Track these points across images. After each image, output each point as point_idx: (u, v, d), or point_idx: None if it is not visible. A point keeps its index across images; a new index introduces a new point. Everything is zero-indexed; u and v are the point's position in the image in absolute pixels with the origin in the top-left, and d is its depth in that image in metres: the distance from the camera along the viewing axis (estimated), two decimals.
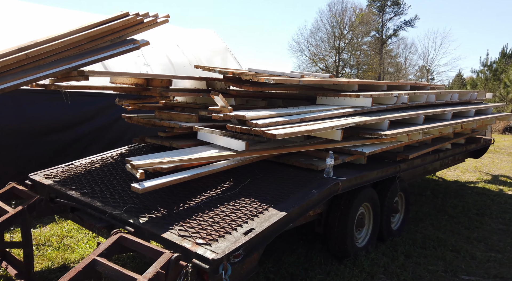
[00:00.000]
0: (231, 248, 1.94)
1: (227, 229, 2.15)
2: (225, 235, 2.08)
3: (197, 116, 3.55)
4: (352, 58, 38.21)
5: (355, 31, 36.41)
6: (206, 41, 8.65)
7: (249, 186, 2.80)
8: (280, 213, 2.36)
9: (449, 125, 4.50)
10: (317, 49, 37.84)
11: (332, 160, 3.01)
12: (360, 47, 37.67)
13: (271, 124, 2.87)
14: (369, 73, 37.09)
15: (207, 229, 2.15)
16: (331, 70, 37.59)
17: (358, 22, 36.22)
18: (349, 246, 3.52)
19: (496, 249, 4.23)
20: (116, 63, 5.93)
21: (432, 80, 36.67)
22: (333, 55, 37.77)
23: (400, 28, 38.66)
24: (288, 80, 3.56)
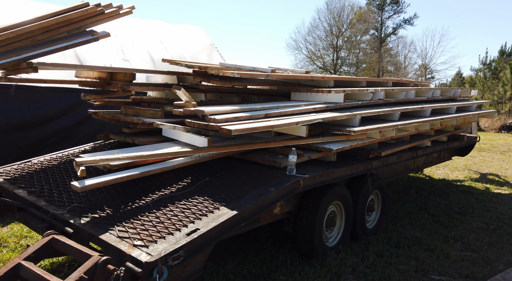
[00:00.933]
0: (169, 250, 1.85)
1: (170, 229, 2.06)
2: (166, 236, 1.99)
3: (162, 112, 3.45)
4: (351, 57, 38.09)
5: (353, 29, 36.28)
6: (191, 38, 8.53)
7: (206, 184, 2.70)
8: (230, 212, 2.26)
9: (426, 122, 4.41)
10: (315, 47, 37.73)
11: (295, 156, 2.92)
12: (359, 45, 37.55)
13: (231, 119, 2.77)
14: (367, 71, 36.99)
15: (149, 230, 2.06)
16: (328, 69, 37.48)
17: (356, 20, 36.09)
18: (317, 245, 3.44)
19: (472, 248, 4.16)
20: (92, 57, 5.82)
21: (432, 79, 36.64)
22: (331, 54, 37.67)
23: (399, 26, 38.53)
24: (255, 74, 3.46)
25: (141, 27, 7.70)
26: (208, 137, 2.93)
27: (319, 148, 3.37)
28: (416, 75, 37.35)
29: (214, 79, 3.62)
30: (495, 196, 6.59)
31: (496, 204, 6.08)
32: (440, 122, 4.87)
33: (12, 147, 4.65)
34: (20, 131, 4.71)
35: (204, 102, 3.93)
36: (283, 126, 2.95)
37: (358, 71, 37.54)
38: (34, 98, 4.76)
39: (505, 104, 29.81)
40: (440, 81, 37.25)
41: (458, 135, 6.10)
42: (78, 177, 2.22)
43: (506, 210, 5.70)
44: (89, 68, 3.30)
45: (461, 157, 7.74)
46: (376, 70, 36.54)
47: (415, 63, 38.05)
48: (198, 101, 3.98)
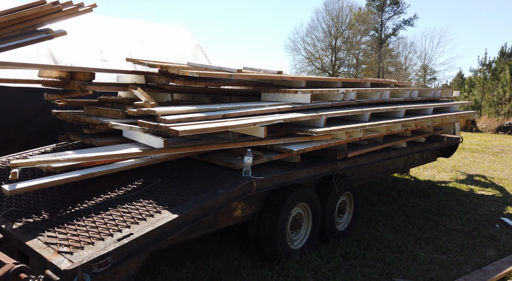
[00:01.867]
0: (94, 256, 1.79)
1: (103, 234, 2.01)
2: (96, 242, 1.94)
3: (123, 112, 3.40)
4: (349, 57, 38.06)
5: (352, 30, 36.25)
6: (176, 38, 8.48)
7: (156, 186, 2.66)
8: (171, 216, 2.21)
9: (397, 122, 4.36)
10: (314, 48, 37.71)
11: (250, 158, 2.87)
12: (359, 46, 37.51)
13: (184, 120, 2.72)
14: (367, 72, 36.94)
15: (80, 235, 2.01)
16: (327, 70, 37.45)
17: (355, 21, 36.07)
18: (279, 248, 3.39)
19: (442, 251, 4.11)
20: (68, 57, 5.77)
21: (434, 80, 36.58)
22: (330, 54, 37.66)
23: (399, 27, 38.46)
24: (215, 74, 3.41)
25: (123, 27, 7.65)
26: (164, 139, 2.88)
27: (281, 149, 3.32)
28: (418, 76, 37.32)
29: (179, 79, 3.57)
30: (477, 197, 6.54)
31: (477, 205, 6.03)
32: (415, 123, 4.82)
33: None
34: None
35: (170, 103, 3.88)
36: (238, 127, 2.90)
37: (358, 72, 37.49)
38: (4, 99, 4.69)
39: (505, 105, 29.78)
40: (440, 82, 37.22)
41: (438, 136, 6.05)
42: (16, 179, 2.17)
43: (485, 212, 5.66)
44: (48, 67, 3.26)
45: (445, 158, 7.68)
46: (376, 71, 36.49)
47: (415, 64, 38.02)
48: (165, 102, 3.93)
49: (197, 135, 3.51)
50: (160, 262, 3.35)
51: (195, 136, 3.51)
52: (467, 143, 15.67)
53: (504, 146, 14.92)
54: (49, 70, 3.43)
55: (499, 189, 7.33)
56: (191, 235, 2.83)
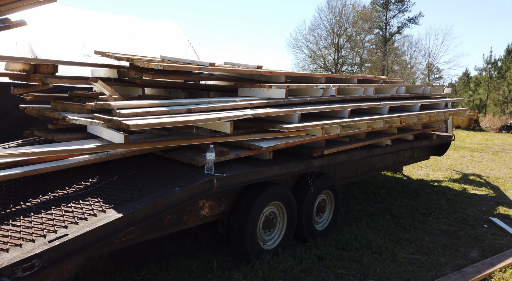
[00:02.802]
0: (16, 259, 1.68)
1: (35, 235, 1.89)
2: (24, 243, 1.82)
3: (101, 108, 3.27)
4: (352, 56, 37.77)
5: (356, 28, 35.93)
6: (165, 34, 8.36)
7: (110, 184, 2.54)
8: (115, 215, 2.09)
9: (379, 119, 4.21)
10: (316, 46, 37.47)
11: (212, 154, 2.74)
12: (363, 44, 37.19)
13: (141, 114, 2.60)
14: (370, 70, 36.63)
15: (10, 236, 1.89)
16: (330, 68, 37.20)
17: (359, 19, 35.77)
18: (249, 248, 3.26)
19: (423, 251, 3.97)
20: (49, 52, 5.67)
21: (440, 78, 36.19)
22: (332, 53, 37.41)
23: (404, 25, 37.99)
24: (182, 67, 3.28)
25: (111, 23, 7.54)
26: (125, 134, 2.76)
27: (250, 146, 3.19)
28: (424, 75, 36.93)
29: (148, 72, 3.45)
30: (469, 197, 6.38)
31: (467, 205, 5.88)
32: (399, 120, 4.68)
33: None
34: None
35: (141, 97, 3.76)
36: (200, 122, 2.78)
37: (362, 71, 37.17)
38: None
39: (510, 104, 29.38)
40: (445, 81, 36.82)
41: (427, 134, 5.89)
42: None
43: (475, 212, 5.50)
44: (10, 59, 3.15)
45: (438, 156, 7.52)
46: (380, 70, 36.17)
47: (421, 63, 37.59)
48: (136, 96, 3.82)
49: (166, 131, 3.39)
50: (124, 263, 3.24)
51: (164, 132, 3.39)
52: (467, 141, 15.45)
53: (506, 145, 14.68)
54: (11, 62, 3.32)
55: (493, 189, 7.16)
56: (151, 235, 2.72)
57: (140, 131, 3.32)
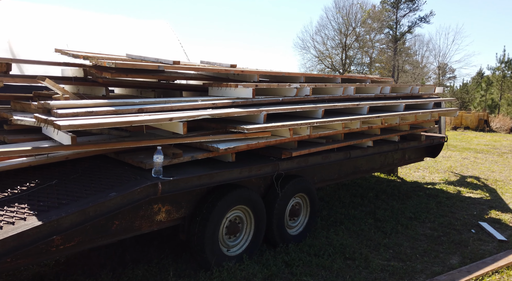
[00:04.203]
0: None
1: None
2: None
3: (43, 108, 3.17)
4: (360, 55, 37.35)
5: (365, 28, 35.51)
6: (155, 34, 8.27)
7: (46, 188, 2.41)
8: (35, 223, 1.96)
9: (355, 119, 4.03)
10: (323, 46, 37.19)
11: (159, 156, 2.60)
12: (373, 44, 36.73)
13: (83, 114, 2.48)
14: (380, 70, 36.18)
15: None
16: (337, 68, 36.88)
17: (367, 18, 35.37)
18: (209, 255, 3.12)
19: (400, 257, 3.78)
20: (28, 52, 5.60)
21: (454, 78, 35.54)
22: (340, 53, 37.08)
23: (414, 24, 37.35)
24: (138, 65, 3.15)
25: (98, 22, 7.47)
26: (72, 135, 2.64)
27: (209, 147, 3.04)
28: (436, 75, 36.28)
29: (110, 71, 3.33)
30: (462, 200, 6.14)
31: (458, 208, 5.65)
32: (380, 120, 4.48)
33: None
34: None
35: (105, 97, 3.64)
36: (148, 122, 2.64)
37: (371, 71, 36.71)
38: None
39: None
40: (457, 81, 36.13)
41: (416, 135, 5.67)
42: None
43: (465, 216, 5.28)
44: None
45: (432, 158, 7.27)
46: (390, 70, 35.66)
47: (433, 62, 36.94)
48: (100, 96, 3.70)
49: (126, 132, 3.27)
50: (78, 270, 3.13)
51: (124, 133, 3.26)
52: (474, 142, 15.04)
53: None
54: None
55: (489, 191, 6.89)
56: (97, 242, 2.59)
57: (97, 132, 3.20)
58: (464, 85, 34.20)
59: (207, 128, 3.46)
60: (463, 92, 33.11)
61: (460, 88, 33.99)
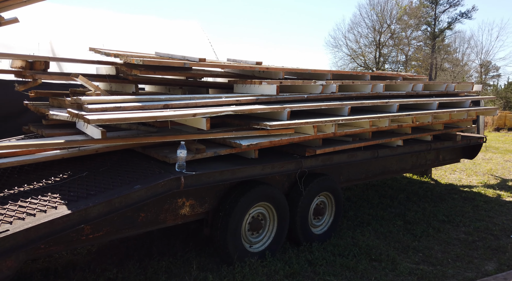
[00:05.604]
0: None
1: None
2: None
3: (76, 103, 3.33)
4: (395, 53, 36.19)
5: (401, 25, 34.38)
6: (186, 34, 8.45)
7: (77, 180, 2.53)
8: (65, 212, 2.07)
9: (384, 117, 3.91)
10: (356, 44, 36.40)
11: (183, 151, 2.66)
12: (409, 41, 35.47)
13: (111, 109, 2.58)
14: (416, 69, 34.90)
15: None
16: (370, 67, 36.01)
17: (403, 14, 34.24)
18: (231, 250, 3.14)
19: (431, 261, 3.62)
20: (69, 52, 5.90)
21: (498, 77, 33.68)
22: (373, 51, 36.16)
23: (455, 20, 35.58)
24: (164, 62, 3.23)
25: (131, 23, 7.74)
26: (102, 130, 2.76)
27: (232, 144, 3.07)
28: (479, 73, 34.48)
29: (138, 68, 3.45)
30: (502, 204, 5.79)
31: (497, 213, 5.33)
32: (411, 119, 4.32)
33: None
34: None
35: (134, 93, 3.77)
36: (173, 118, 2.70)
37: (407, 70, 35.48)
38: None
39: None
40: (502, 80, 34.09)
41: (451, 134, 5.42)
42: None
43: (504, 220, 4.98)
44: (8, 56, 3.28)
45: (469, 159, 6.91)
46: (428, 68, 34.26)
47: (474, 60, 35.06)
48: (129, 93, 3.84)
49: (153, 128, 3.37)
50: (108, 259, 3.26)
51: (152, 128, 3.36)
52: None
53: None
54: (14, 60, 3.45)
55: None
56: (124, 233, 2.69)
57: (126, 127, 3.32)
58: (510, 84, 32.20)
59: (230, 124, 3.49)
60: (508, 91, 31.22)
61: (505, 87, 32.06)
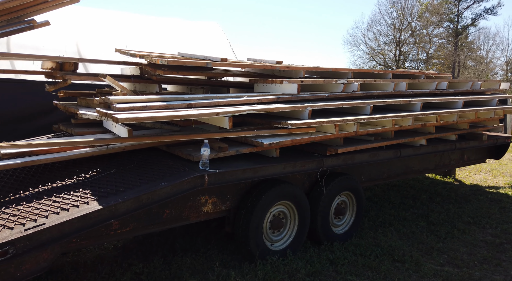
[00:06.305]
0: None
1: (17, 223, 1.99)
2: (2, 230, 1.92)
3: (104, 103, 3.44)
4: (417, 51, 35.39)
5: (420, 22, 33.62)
6: (206, 34, 8.55)
7: (106, 177, 2.62)
8: (96, 207, 2.15)
9: (407, 116, 3.85)
10: (375, 43, 35.81)
11: (206, 150, 2.71)
12: (430, 39, 34.62)
13: (137, 108, 2.65)
14: (438, 67, 34.08)
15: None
16: (390, 65, 35.38)
17: (423, 12, 33.47)
18: (253, 248, 3.18)
19: (456, 263, 3.55)
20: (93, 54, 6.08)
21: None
22: (393, 49, 35.51)
23: (479, 17, 34.40)
24: (188, 62, 3.29)
25: (155, 25, 7.90)
26: (129, 128, 2.84)
27: (253, 142, 3.10)
28: (504, 71, 33.26)
29: (162, 68, 3.53)
30: None
31: None
32: (435, 117, 4.24)
33: (11, 138, 4.99)
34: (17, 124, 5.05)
35: (157, 93, 3.86)
36: (197, 117, 2.76)
37: (428, 67, 34.62)
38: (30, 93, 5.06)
39: None
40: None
41: (477, 134, 5.27)
42: None
43: None
44: (39, 58, 3.41)
45: (495, 159, 6.70)
46: (450, 66, 33.32)
47: (500, 57, 33.78)
48: (153, 93, 3.93)
49: (176, 127, 3.44)
50: (132, 255, 3.35)
51: (175, 127, 3.44)
52: None
53: None
54: (44, 61, 3.59)
55: None
56: (149, 228, 2.76)
57: (150, 126, 3.41)
58: None
59: (252, 123, 3.52)
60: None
61: None
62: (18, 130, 5.10)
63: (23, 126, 5.14)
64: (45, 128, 5.34)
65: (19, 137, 4.79)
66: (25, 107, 5.12)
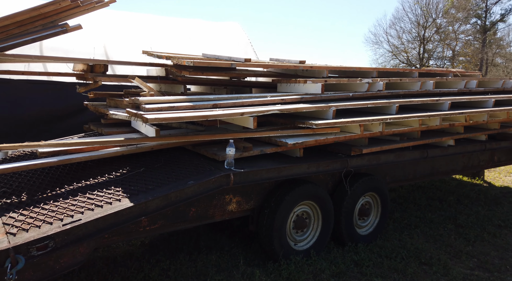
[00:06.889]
0: (31, 239, 1.88)
1: (55, 218, 2.09)
2: (43, 225, 2.02)
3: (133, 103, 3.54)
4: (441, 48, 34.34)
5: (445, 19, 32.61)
6: (227, 35, 8.63)
7: (136, 175, 2.70)
8: (128, 204, 2.22)
9: (434, 116, 3.77)
10: (398, 40, 35.02)
11: (232, 149, 2.74)
12: (457, 36, 33.52)
13: (165, 109, 2.72)
14: (464, 64, 32.97)
15: (35, 218, 2.11)
16: (414, 63, 34.53)
17: (449, 8, 32.47)
18: (277, 247, 3.19)
19: (487, 267, 3.45)
20: (121, 55, 6.25)
21: None
22: (417, 46, 34.65)
23: (509, 12, 33.04)
24: (213, 63, 3.34)
25: (177, 26, 8.04)
26: (156, 128, 2.92)
27: (277, 142, 3.12)
28: None
29: (186, 69, 3.60)
30: None
31: None
32: (464, 117, 4.12)
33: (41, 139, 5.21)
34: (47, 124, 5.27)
35: (183, 94, 3.94)
36: (222, 117, 2.80)
37: (454, 65, 33.53)
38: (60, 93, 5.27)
39: None
40: None
41: (508, 134, 5.09)
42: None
43: None
44: (71, 60, 3.55)
45: None
46: (477, 63, 32.15)
47: None
48: (179, 93, 4.01)
49: (201, 127, 3.50)
50: (159, 252, 3.44)
51: (200, 127, 3.50)
52: None
53: None
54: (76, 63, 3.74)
55: None
56: (176, 226, 2.83)
57: (176, 126, 3.49)
58: None
59: (276, 123, 3.54)
60: None
61: None
62: (51, 130, 5.31)
63: (55, 126, 5.35)
64: (76, 128, 5.55)
65: (52, 136, 4.98)
66: (57, 108, 5.33)
